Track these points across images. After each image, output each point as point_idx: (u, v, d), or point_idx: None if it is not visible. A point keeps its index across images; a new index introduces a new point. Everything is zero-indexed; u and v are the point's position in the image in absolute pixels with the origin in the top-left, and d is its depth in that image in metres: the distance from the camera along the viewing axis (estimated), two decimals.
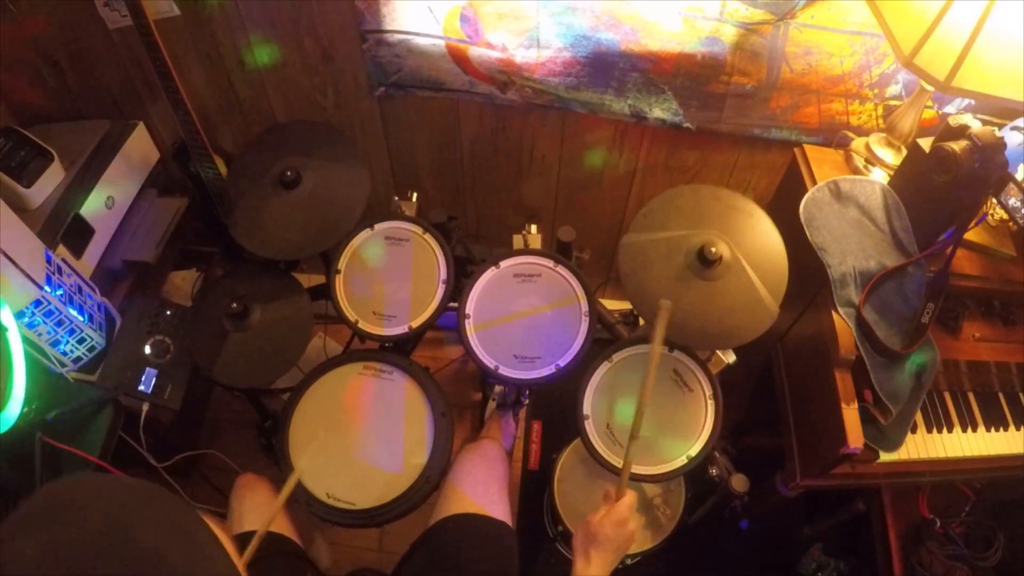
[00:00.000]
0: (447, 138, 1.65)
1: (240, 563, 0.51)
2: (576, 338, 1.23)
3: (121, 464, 1.26)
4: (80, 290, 1.35)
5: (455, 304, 1.29)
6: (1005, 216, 1.24)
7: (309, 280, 1.50)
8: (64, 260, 1.32)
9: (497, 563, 1.13)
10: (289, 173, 1.34)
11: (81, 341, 1.36)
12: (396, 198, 1.50)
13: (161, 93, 1.28)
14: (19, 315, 1.19)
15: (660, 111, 1.46)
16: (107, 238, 1.50)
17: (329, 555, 1.67)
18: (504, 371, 1.22)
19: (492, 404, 1.89)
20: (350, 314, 1.32)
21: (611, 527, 0.96)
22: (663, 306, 1.04)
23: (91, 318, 1.38)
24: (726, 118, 1.46)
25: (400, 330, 1.29)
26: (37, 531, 0.43)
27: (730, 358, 1.25)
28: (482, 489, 1.21)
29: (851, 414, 1.14)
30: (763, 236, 1.20)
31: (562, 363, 1.21)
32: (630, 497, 0.99)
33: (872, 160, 1.32)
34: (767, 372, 1.46)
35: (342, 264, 1.35)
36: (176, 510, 0.49)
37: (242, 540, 0.90)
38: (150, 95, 1.61)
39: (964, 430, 1.27)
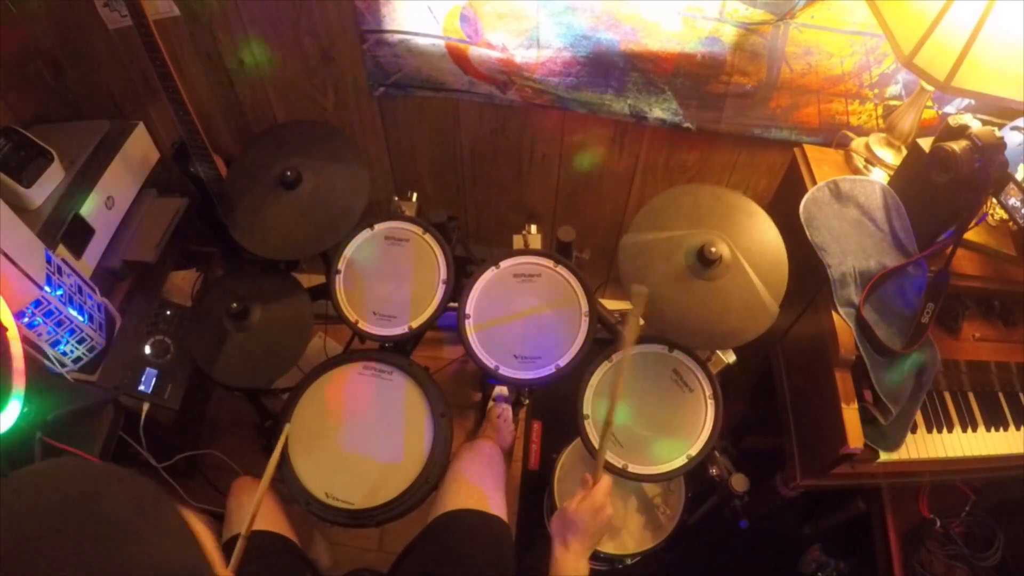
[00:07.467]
0: (447, 138, 1.65)
1: (218, 556, 0.52)
2: (576, 338, 1.23)
3: (121, 464, 1.26)
4: (80, 290, 1.35)
5: (455, 304, 1.29)
6: (1005, 216, 1.24)
7: (309, 280, 1.50)
8: (64, 260, 1.32)
9: (493, 556, 1.13)
10: (289, 173, 1.34)
11: (81, 341, 1.36)
12: (396, 198, 1.50)
13: (161, 93, 1.28)
14: (19, 315, 1.19)
15: (660, 111, 1.46)
16: (107, 238, 1.50)
17: (329, 555, 1.67)
18: (504, 371, 1.22)
19: (491, 405, 1.89)
20: (350, 314, 1.32)
21: (588, 513, 0.96)
22: (637, 292, 0.99)
23: (91, 318, 1.38)
24: (726, 118, 1.46)
25: (400, 330, 1.29)
26: (17, 493, 0.47)
27: (730, 358, 1.25)
28: (477, 486, 1.21)
29: (851, 414, 1.14)
30: (763, 236, 1.20)
31: (562, 363, 1.21)
32: (605, 483, 0.99)
33: (872, 160, 1.32)
34: (767, 372, 1.46)
35: (342, 264, 1.35)
36: (148, 492, 0.52)
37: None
38: (150, 95, 1.62)
39: (964, 430, 1.27)
